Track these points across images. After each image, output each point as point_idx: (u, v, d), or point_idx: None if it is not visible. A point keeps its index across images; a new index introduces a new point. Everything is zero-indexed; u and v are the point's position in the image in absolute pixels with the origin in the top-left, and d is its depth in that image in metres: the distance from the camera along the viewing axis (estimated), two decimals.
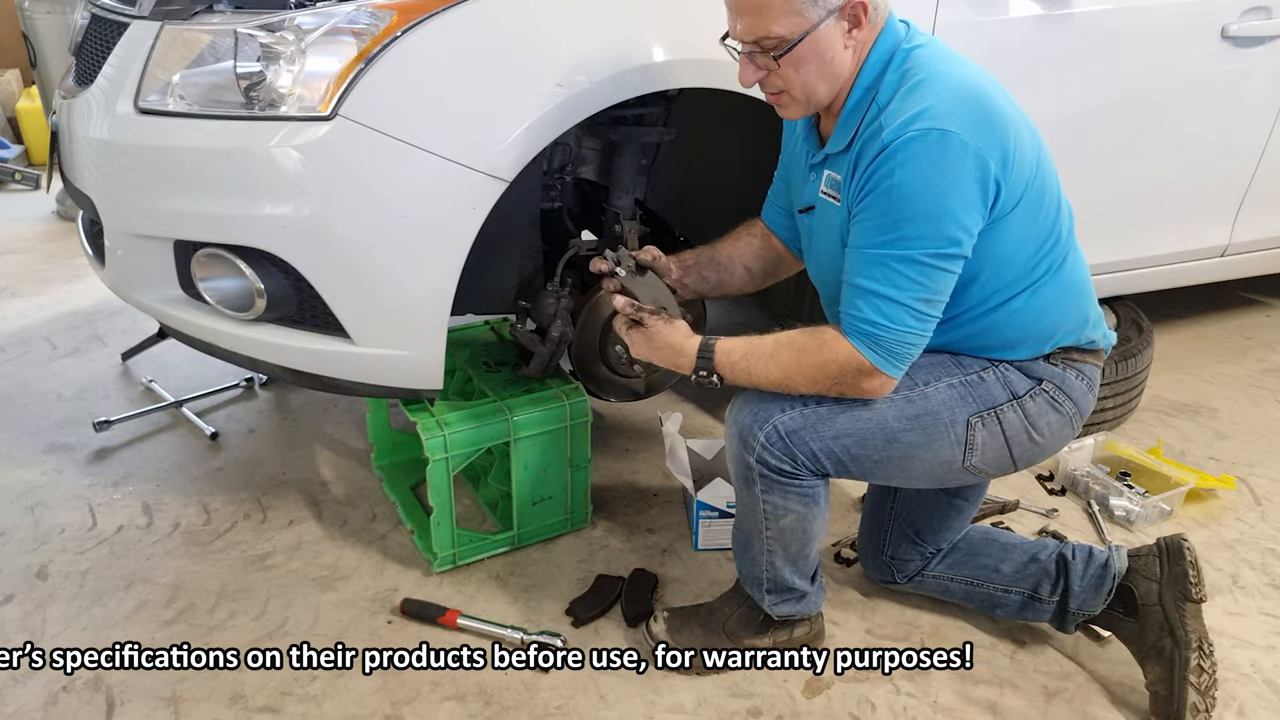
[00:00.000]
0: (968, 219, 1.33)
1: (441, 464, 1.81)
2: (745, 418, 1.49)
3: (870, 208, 1.35)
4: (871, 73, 1.40)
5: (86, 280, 3.44)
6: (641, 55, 1.68)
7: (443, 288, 1.66)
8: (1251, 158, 2.53)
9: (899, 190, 1.31)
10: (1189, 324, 3.23)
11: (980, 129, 1.31)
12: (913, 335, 1.37)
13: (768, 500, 1.52)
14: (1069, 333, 1.52)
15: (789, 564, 1.59)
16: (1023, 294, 1.45)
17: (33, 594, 1.84)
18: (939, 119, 1.30)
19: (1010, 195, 1.36)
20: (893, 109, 1.34)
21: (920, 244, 1.32)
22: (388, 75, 1.57)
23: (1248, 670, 1.70)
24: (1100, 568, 1.65)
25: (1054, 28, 2.09)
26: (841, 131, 1.43)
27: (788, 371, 1.45)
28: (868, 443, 1.47)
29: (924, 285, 1.34)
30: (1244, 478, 2.31)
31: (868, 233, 1.36)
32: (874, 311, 1.36)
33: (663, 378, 2.08)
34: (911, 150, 1.30)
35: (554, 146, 1.79)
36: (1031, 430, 1.51)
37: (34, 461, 2.30)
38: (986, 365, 1.50)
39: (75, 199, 1.95)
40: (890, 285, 1.34)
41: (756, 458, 1.48)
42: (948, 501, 1.71)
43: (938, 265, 1.33)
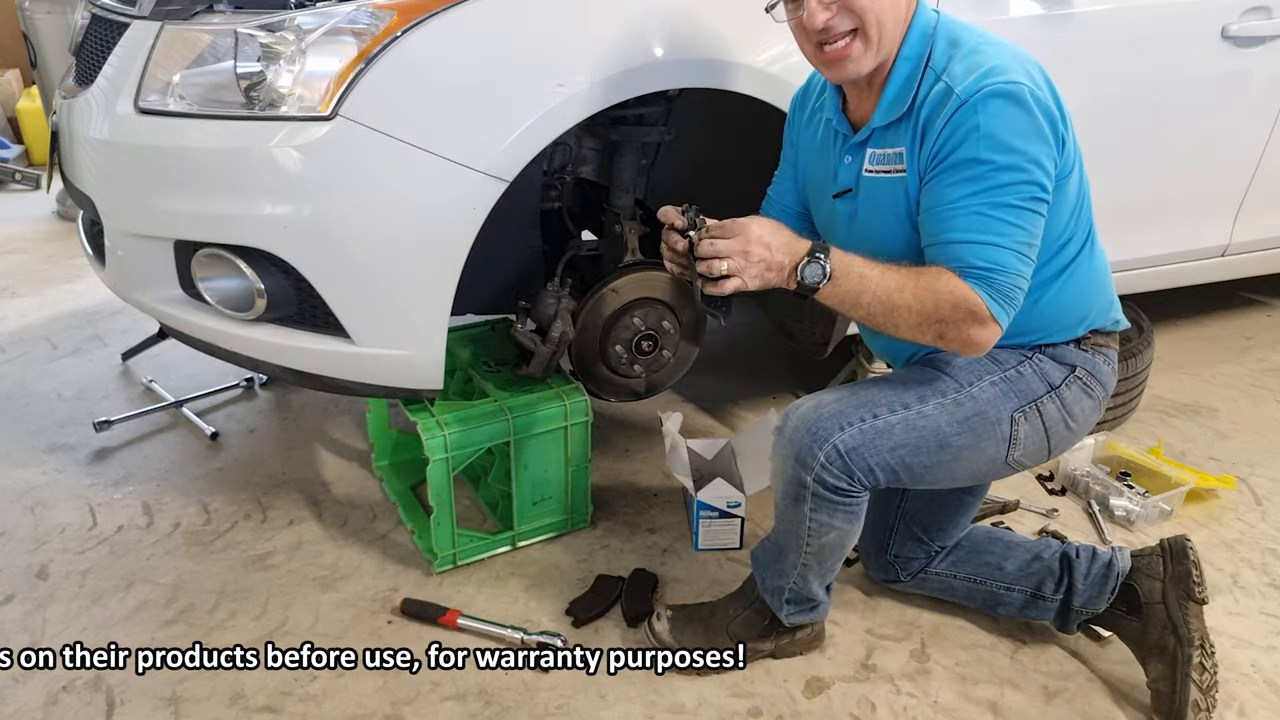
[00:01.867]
0: (1049, 164, 1.36)
1: (441, 464, 1.81)
2: (804, 438, 1.45)
3: (957, 163, 1.35)
4: (916, 44, 1.42)
5: (86, 280, 3.44)
6: (641, 55, 1.68)
7: (443, 288, 1.66)
8: (1252, 158, 2.53)
9: (987, 141, 1.33)
10: (1189, 324, 3.23)
11: (1044, 87, 1.37)
12: (1021, 279, 1.37)
13: (815, 519, 1.49)
14: (1100, 313, 1.56)
15: (818, 578, 1.59)
16: (1064, 273, 1.49)
17: (33, 594, 1.84)
18: (1010, 74, 1.33)
19: (1068, 155, 1.41)
20: (957, 71, 1.37)
21: (1014, 190, 1.33)
22: (388, 75, 1.57)
23: (1248, 670, 1.70)
24: (1104, 566, 1.65)
25: (1054, 27, 2.09)
26: (895, 103, 1.43)
27: (902, 286, 1.35)
28: (921, 450, 1.46)
29: (1024, 229, 1.35)
30: (1244, 478, 2.31)
31: (957, 186, 1.35)
32: (983, 259, 1.35)
33: (663, 378, 2.08)
34: (993, 104, 1.32)
35: (554, 146, 1.79)
36: (1068, 418, 1.52)
37: (34, 461, 2.30)
38: (1021, 359, 1.51)
39: (75, 199, 1.95)
40: (993, 234, 1.34)
41: (815, 477, 1.45)
42: (958, 498, 1.71)
43: (1032, 209, 1.35)
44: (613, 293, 1.91)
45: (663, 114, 1.94)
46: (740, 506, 1.96)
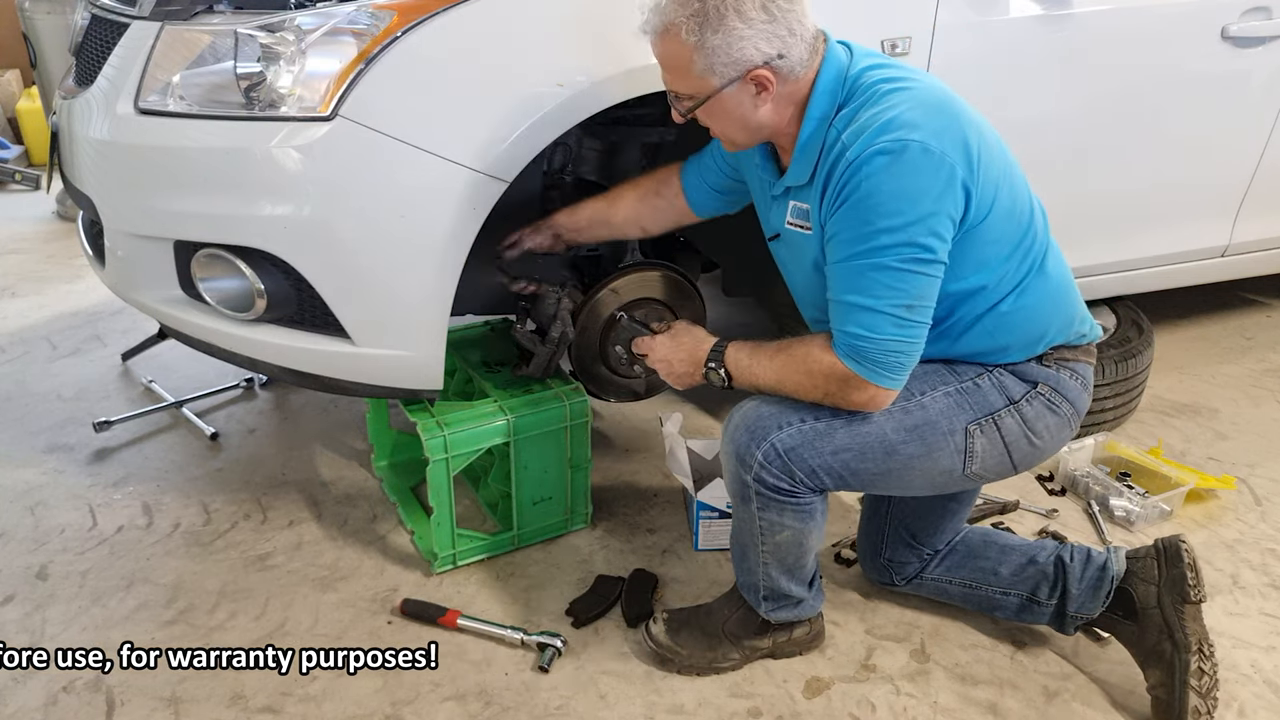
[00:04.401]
0: (939, 224, 1.32)
1: (441, 464, 1.80)
2: (742, 436, 1.48)
3: (841, 221, 1.35)
4: (820, 105, 1.40)
5: (86, 280, 3.44)
6: (641, 55, 1.67)
7: (443, 288, 1.66)
8: (1251, 158, 2.53)
9: (867, 201, 1.31)
10: (1189, 324, 3.23)
11: (944, 135, 1.32)
12: (898, 344, 1.36)
13: (764, 517, 1.51)
14: (1059, 330, 1.52)
15: (785, 574, 1.59)
16: (1009, 297, 1.45)
17: (33, 594, 1.84)
18: (902, 129, 1.30)
19: (983, 198, 1.36)
20: (852, 128, 1.35)
21: (894, 251, 1.32)
22: (388, 75, 1.57)
23: (1248, 671, 1.70)
24: (1098, 570, 1.65)
25: (1054, 28, 2.09)
26: (800, 164, 1.43)
27: (781, 376, 1.47)
28: (867, 456, 1.46)
29: (902, 291, 1.33)
30: (1244, 478, 2.31)
31: (841, 246, 1.36)
32: (855, 324, 1.36)
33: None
34: (877, 162, 1.30)
35: (554, 146, 1.79)
36: (1030, 434, 1.51)
37: (34, 461, 2.30)
38: (981, 371, 1.50)
39: (75, 199, 1.95)
40: (868, 295, 1.34)
41: (754, 476, 1.47)
42: (941, 505, 1.71)
43: (913, 270, 1.33)
44: (613, 293, 1.91)
45: (663, 114, 1.94)
46: None
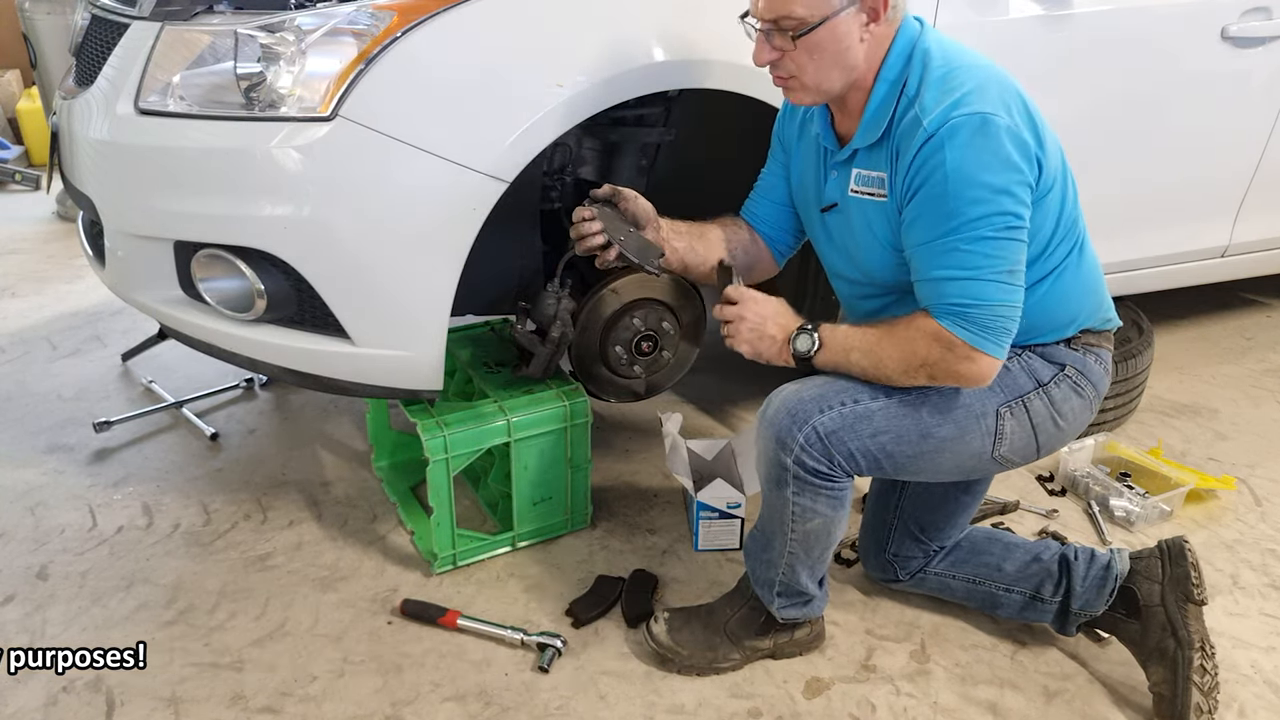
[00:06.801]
0: (1023, 193, 1.36)
1: (441, 464, 1.81)
2: (784, 419, 1.47)
3: (927, 201, 1.37)
4: (895, 67, 1.42)
5: (86, 280, 3.44)
6: (641, 55, 1.68)
7: (443, 288, 1.66)
8: (1252, 158, 2.53)
9: (955, 177, 1.33)
10: (1189, 324, 3.23)
11: (1016, 111, 1.36)
12: (1004, 307, 1.37)
13: (798, 503, 1.51)
14: (1089, 314, 1.56)
15: (807, 568, 1.59)
16: (1049, 277, 1.49)
17: (33, 594, 1.84)
18: (978, 103, 1.33)
19: (1049, 173, 1.40)
20: (927, 99, 1.37)
21: (987, 222, 1.34)
22: (388, 76, 1.57)
23: (1248, 671, 1.70)
24: (1102, 569, 1.65)
25: (1054, 28, 2.10)
26: (870, 127, 1.44)
27: (879, 347, 1.45)
28: (904, 439, 1.47)
29: (1001, 258, 1.36)
30: (1244, 478, 2.31)
31: (931, 225, 1.37)
32: (958, 295, 1.37)
33: (663, 378, 2.08)
34: (959, 137, 1.32)
35: (554, 147, 1.79)
36: (1057, 416, 1.53)
37: (34, 462, 2.30)
38: (1011, 354, 1.51)
39: (75, 199, 1.95)
40: (969, 268, 1.36)
41: (795, 459, 1.47)
42: (955, 497, 1.71)
43: (1008, 237, 1.35)
44: (613, 293, 1.91)
45: (663, 114, 1.94)
46: (740, 507, 1.96)
